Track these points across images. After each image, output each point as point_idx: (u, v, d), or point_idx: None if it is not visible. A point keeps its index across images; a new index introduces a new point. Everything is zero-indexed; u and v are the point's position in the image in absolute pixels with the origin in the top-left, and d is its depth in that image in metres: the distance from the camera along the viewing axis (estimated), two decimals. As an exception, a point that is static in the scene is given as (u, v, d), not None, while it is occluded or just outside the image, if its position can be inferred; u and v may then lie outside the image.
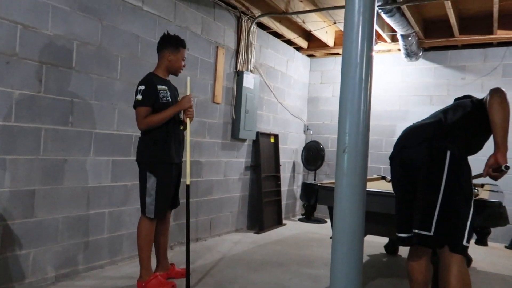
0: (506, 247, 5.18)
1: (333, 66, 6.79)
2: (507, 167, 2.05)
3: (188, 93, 3.11)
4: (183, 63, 3.13)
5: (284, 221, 5.95)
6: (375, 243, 4.79)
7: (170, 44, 3.06)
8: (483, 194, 3.08)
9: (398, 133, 6.36)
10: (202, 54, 4.51)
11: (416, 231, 2.13)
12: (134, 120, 3.59)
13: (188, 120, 3.10)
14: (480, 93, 5.78)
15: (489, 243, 5.27)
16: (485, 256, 4.60)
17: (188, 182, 3.05)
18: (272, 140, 5.87)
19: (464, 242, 2.05)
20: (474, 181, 2.44)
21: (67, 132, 3.11)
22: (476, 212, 2.37)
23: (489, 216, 2.43)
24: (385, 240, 4.59)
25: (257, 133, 5.43)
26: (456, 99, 2.59)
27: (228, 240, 4.71)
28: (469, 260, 4.15)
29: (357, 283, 1.38)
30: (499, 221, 2.44)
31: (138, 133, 3.07)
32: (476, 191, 3.30)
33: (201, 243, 4.48)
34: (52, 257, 3.02)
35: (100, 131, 3.36)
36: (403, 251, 4.49)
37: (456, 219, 2.06)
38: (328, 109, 6.78)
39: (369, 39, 1.45)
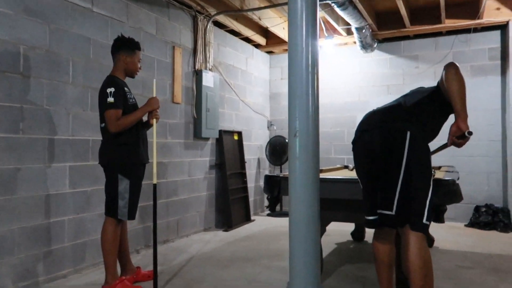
0: (466, 225, 5.40)
1: (292, 61, 6.86)
2: (470, 133, 2.08)
3: (154, 95, 3.12)
4: (139, 65, 3.11)
5: (252, 217, 5.97)
6: (343, 231, 4.88)
7: (125, 46, 3.03)
8: (439, 175, 3.19)
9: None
10: (159, 55, 4.45)
11: (379, 211, 2.17)
12: (90, 124, 3.52)
13: (154, 121, 3.08)
14: (433, 81, 5.98)
15: (450, 222, 5.49)
16: (446, 235, 4.78)
17: (155, 182, 3.01)
18: (235, 137, 5.87)
19: (424, 220, 2.09)
20: (438, 154, 2.51)
21: (18, 140, 2.99)
22: (432, 191, 2.45)
23: (445, 194, 2.51)
24: (351, 227, 4.68)
25: (220, 131, 5.41)
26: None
27: (196, 240, 4.67)
28: (431, 239, 4.30)
29: (315, 264, 1.40)
30: (454, 198, 2.54)
31: (96, 137, 3.00)
32: (432, 171, 3.43)
33: (169, 244, 4.42)
34: (10, 271, 2.90)
35: (54, 137, 3.25)
36: (370, 237, 4.60)
37: (416, 198, 2.10)
38: (290, 104, 6.83)
39: (313, 25, 1.47)
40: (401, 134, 2.14)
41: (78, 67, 3.48)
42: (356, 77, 6.40)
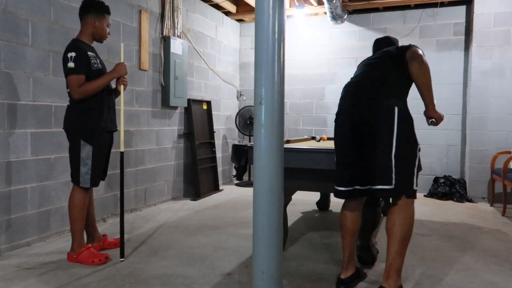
0: (425, 195, 5.65)
1: (263, 30, 6.78)
2: (434, 122, 2.37)
3: (122, 61, 3.03)
4: (108, 30, 3.00)
5: (221, 187, 6.02)
6: (308, 201, 5.01)
7: (94, 9, 2.91)
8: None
9: (327, 96, 6.59)
10: (124, 19, 4.29)
11: (379, 186, 2.26)
12: (52, 89, 3.40)
13: (122, 88, 3.01)
14: (400, 54, 6.02)
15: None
16: (406, 205, 4.98)
17: (122, 149, 2.97)
18: (204, 107, 5.82)
19: (414, 187, 2.28)
20: None
21: (-25, 104, 2.86)
22: (418, 159, 2.51)
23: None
24: (317, 197, 4.81)
25: (189, 100, 5.35)
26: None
27: (164, 208, 4.68)
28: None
29: (278, 231, 1.44)
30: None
31: (59, 103, 2.91)
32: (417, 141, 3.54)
33: (136, 213, 4.42)
34: (-30, 239, 2.83)
35: (13, 102, 3.12)
36: (334, 206, 4.75)
37: (407, 169, 2.26)
38: (259, 74, 6.80)
39: (282, -9, 1.46)
40: (390, 110, 2.25)
41: (38, 29, 3.32)
42: (325, 48, 6.42)
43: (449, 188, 5.47)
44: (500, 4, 5.25)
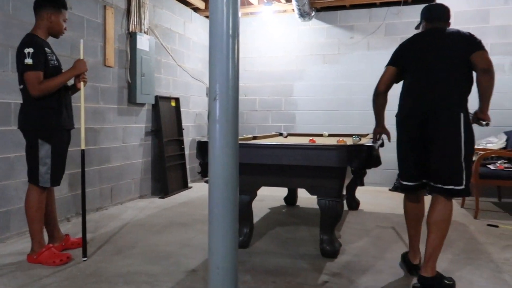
0: (390, 189, 5.80)
1: (232, 27, 6.77)
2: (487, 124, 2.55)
3: (82, 57, 2.97)
4: (64, 26, 2.92)
5: (190, 184, 5.99)
6: (277, 197, 5.06)
7: (51, 4, 2.83)
8: (362, 141, 3.38)
9: (296, 92, 6.64)
10: (88, 14, 4.20)
11: (450, 187, 2.41)
12: (11, 86, 3.30)
13: (82, 85, 2.95)
14: (367, 51, 6.16)
15: (376, 187, 5.86)
16: (372, 199, 5.11)
17: (83, 147, 2.91)
18: (173, 103, 5.77)
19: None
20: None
21: None
22: (354, 156, 2.62)
23: (364, 159, 2.68)
24: (285, 192, 4.86)
25: (156, 97, 5.29)
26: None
27: (131, 207, 4.62)
28: (356, 203, 4.59)
29: (233, 227, 1.46)
30: (373, 163, 2.72)
31: (19, 100, 2.82)
32: (357, 138, 3.63)
33: (102, 212, 4.35)
34: None
35: (-31, 99, 3.01)
36: (302, 201, 4.82)
37: (470, 171, 2.46)
38: (229, 71, 6.80)
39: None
40: (457, 117, 2.41)
41: (-5, 23, 3.21)
42: (294, 45, 6.47)
43: (413, 182, 5.62)
44: (461, 3, 5.43)
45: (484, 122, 2.51)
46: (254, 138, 4.10)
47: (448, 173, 2.41)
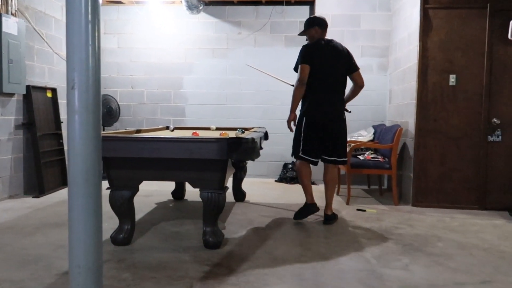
0: (276, 180, 6.08)
1: (117, 15, 6.45)
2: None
3: None
4: None
5: (70, 182, 5.58)
6: (165, 191, 4.97)
7: None
8: (245, 134, 3.48)
9: (185, 85, 6.58)
10: None
11: (339, 159, 3.79)
12: None
13: None
14: (254, 47, 6.33)
15: (263, 178, 6.09)
16: (258, 190, 5.31)
17: None
18: (49, 94, 5.30)
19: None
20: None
21: None
22: (233, 149, 2.69)
23: (243, 151, 2.77)
24: (173, 187, 4.79)
25: (28, 86, 4.81)
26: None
27: (-2, 208, 4.15)
28: (243, 194, 4.72)
29: (95, 220, 1.39)
30: (252, 155, 2.82)
31: None
32: (240, 131, 3.72)
33: (-40, 216, 3.83)
34: None
35: None
36: (189, 195, 4.81)
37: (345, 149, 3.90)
38: (114, 61, 6.46)
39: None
40: (344, 119, 3.84)
41: None
42: (183, 38, 6.39)
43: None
44: (337, 7, 5.88)
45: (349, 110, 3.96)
46: (138, 131, 3.97)
47: (342, 151, 3.79)
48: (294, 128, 3.82)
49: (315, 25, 3.75)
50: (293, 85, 3.78)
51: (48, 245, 3.06)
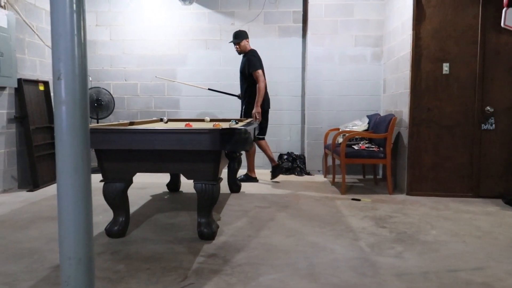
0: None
1: (108, 7, 6.38)
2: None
3: None
4: None
5: (65, 175, 5.55)
6: (160, 184, 4.97)
7: None
8: (237, 125, 3.47)
9: (179, 77, 6.53)
10: None
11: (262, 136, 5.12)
12: None
13: None
14: (249, 37, 6.27)
15: (258, 169, 6.08)
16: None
17: None
18: (41, 87, 5.26)
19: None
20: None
21: None
22: (226, 140, 2.68)
23: (236, 141, 2.76)
24: (167, 179, 4.79)
25: (20, 79, 4.76)
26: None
27: (-9, 203, 4.14)
28: (238, 186, 4.71)
29: (85, 211, 1.39)
30: (245, 145, 2.81)
31: None
32: (234, 122, 3.71)
33: (-47, 211, 3.81)
34: None
35: None
36: (185, 187, 4.80)
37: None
38: (106, 53, 6.41)
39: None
40: None
41: None
42: (176, 29, 6.34)
43: (291, 164, 5.99)
44: (330, -3, 5.85)
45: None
46: (131, 123, 3.95)
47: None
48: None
49: (247, 37, 5.25)
50: (237, 96, 5.61)
51: (42, 239, 3.05)
